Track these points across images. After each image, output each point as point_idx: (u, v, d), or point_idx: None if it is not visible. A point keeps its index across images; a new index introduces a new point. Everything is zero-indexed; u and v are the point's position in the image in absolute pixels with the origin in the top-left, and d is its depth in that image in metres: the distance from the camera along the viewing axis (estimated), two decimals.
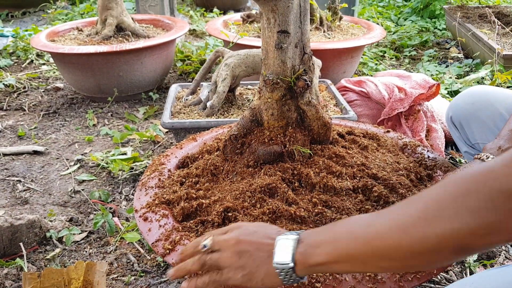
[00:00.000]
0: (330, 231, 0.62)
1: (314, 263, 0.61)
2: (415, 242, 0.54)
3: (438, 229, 0.52)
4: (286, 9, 0.94)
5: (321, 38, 2.51)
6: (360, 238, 0.58)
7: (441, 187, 0.56)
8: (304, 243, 0.62)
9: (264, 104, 1.03)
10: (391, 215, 0.58)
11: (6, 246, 1.38)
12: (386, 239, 0.56)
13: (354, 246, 0.58)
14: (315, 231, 0.64)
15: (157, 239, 0.89)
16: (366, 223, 0.60)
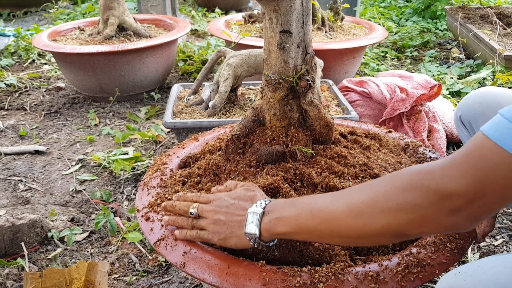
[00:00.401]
0: (293, 207, 0.74)
1: (277, 233, 0.74)
2: (363, 226, 0.65)
3: (381, 218, 0.63)
4: (288, 9, 0.94)
5: (323, 38, 2.51)
6: (318, 217, 0.70)
7: (390, 179, 0.66)
8: (269, 215, 0.75)
9: (266, 104, 1.03)
10: (347, 199, 0.68)
11: (8, 246, 1.38)
12: (339, 221, 0.68)
13: (313, 223, 0.70)
14: (280, 204, 0.76)
15: (159, 238, 0.89)
16: (325, 203, 0.70)
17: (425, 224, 0.61)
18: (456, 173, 0.59)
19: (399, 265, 0.79)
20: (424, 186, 0.60)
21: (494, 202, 0.59)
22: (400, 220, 0.62)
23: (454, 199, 0.58)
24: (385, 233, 0.65)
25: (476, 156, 0.58)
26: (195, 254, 0.83)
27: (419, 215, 0.61)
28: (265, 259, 0.83)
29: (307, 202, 0.73)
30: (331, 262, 0.81)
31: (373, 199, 0.65)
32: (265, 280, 0.76)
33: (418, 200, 0.60)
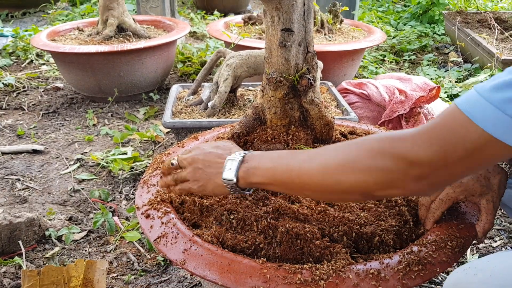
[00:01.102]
0: (270, 160, 0.77)
1: (253, 182, 0.78)
2: (333, 184, 0.70)
3: (351, 178, 0.67)
4: (290, 7, 0.94)
5: (322, 40, 2.52)
6: (294, 172, 0.74)
7: (363, 142, 0.70)
8: (247, 164, 0.78)
9: (267, 103, 1.03)
10: (321, 158, 0.73)
11: (5, 244, 1.37)
12: (312, 176, 0.72)
13: (287, 176, 0.74)
14: (258, 155, 0.80)
15: (159, 236, 0.88)
16: (302, 161, 0.74)
17: (392, 187, 0.66)
18: (424, 142, 0.62)
19: (400, 263, 0.79)
20: (394, 152, 0.64)
21: (456, 172, 0.63)
22: (368, 181, 0.66)
23: (420, 166, 0.62)
24: (353, 192, 0.69)
25: (445, 127, 0.61)
26: (196, 251, 0.83)
27: (387, 178, 0.65)
28: (266, 256, 0.83)
29: (284, 157, 0.77)
30: (332, 260, 0.81)
31: (345, 159, 0.69)
32: (266, 277, 0.76)
33: (387, 165, 0.64)
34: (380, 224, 0.88)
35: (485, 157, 0.61)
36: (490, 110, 0.57)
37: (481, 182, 0.85)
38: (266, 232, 0.86)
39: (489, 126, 0.57)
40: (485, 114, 0.58)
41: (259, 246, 0.84)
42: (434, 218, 0.89)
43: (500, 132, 0.57)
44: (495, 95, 0.58)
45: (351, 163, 0.68)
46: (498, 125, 0.57)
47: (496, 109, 0.57)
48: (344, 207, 0.90)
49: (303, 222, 0.88)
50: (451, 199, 0.87)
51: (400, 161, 0.63)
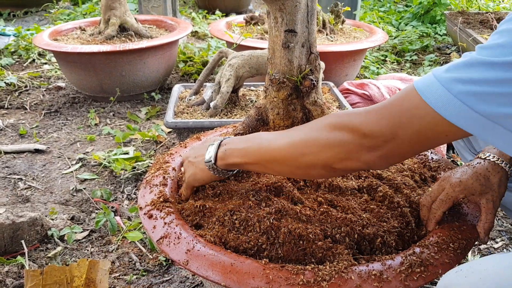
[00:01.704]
0: (245, 141, 0.86)
1: (230, 162, 0.86)
2: (298, 158, 0.76)
3: (313, 152, 0.74)
4: (293, 8, 0.94)
5: (324, 41, 2.52)
6: (263, 149, 0.82)
7: (324, 120, 0.76)
8: (224, 147, 0.87)
9: (270, 103, 1.03)
10: (288, 136, 0.80)
11: (7, 244, 1.38)
12: (280, 152, 0.79)
13: (259, 154, 0.82)
14: (235, 139, 0.89)
15: (162, 236, 0.88)
16: (271, 139, 0.82)
17: (348, 158, 0.71)
18: (377, 117, 0.68)
19: (402, 264, 0.79)
20: (349, 125, 0.70)
21: (405, 147, 0.68)
22: (327, 154, 0.73)
23: (371, 138, 0.68)
24: (315, 165, 0.75)
25: (399, 104, 0.67)
26: (198, 251, 0.83)
27: (343, 150, 0.71)
28: (269, 257, 0.83)
29: (256, 137, 0.86)
30: (334, 261, 0.81)
31: (308, 135, 0.76)
32: (268, 278, 0.76)
33: (343, 137, 0.71)
34: (382, 225, 0.88)
35: (434, 136, 0.65)
36: (440, 90, 0.61)
37: (480, 181, 0.85)
38: (269, 232, 0.86)
39: (437, 105, 0.61)
40: (435, 94, 0.62)
41: (262, 246, 0.84)
42: (436, 218, 0.89)
43: (444, 110, 0.61)
44: (444, 75, 0.62)
45: (313, 138, 0.75)
46: (444, 103, 0.61)
47: (444, 88, 0.61)
48: (347, 208, 0.91)
49: (305, 223, 0.88)
50: (451, 199, 0.87)
51: (354, 133, 0.69)
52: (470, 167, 0.88)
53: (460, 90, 0.59)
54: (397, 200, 0.94)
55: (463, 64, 0.60)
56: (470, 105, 0.59)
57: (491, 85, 0.57)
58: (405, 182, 1.00)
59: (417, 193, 0.99)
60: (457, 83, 0.60)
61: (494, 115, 0.58)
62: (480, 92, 0.58)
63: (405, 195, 0.96)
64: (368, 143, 0.69)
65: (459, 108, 0.59)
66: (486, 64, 0.58)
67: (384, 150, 0.68)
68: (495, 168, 0.86)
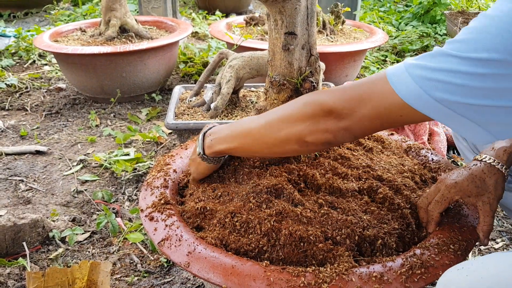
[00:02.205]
0: (228, 129, 0.92)
1: (216, 150, 0.93)
2: (274, 135, 0.83)
3: (288, 127, 0.81)
4: (293, 11, 0.94)
5: (324, 41, 2.52)
6: (244, 131, 0.89)
7: (295, 100, 0.85)
8: (210, 137, 0.94)
9: (270, 105, 1.03)
10: (265, 116, 0.86)
11: (9, 246, 1.38)
12: (259, 131, 0.86)
13: (241, 137, 0.89)
14: (218, 128, 0.95)
15: (163, 238, 0.89)
16: (251, 121, 0.89)
17: (317, 130, 0.78)
18: (341, 92, 0.77)
19: (403, 266, 0.80)
20: (319, 100, 0.78)
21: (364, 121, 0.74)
22: (300, 127, 0.79)
23: (336, 111, 0.76)
24: (289, 140, 0.81)
25: (364, 85, 0.75)
26: (200, 254, 0.83)
27: (312, 123, 0.78)
28: (270, 259, 0.84)
29: (240, 123, 0.91)
30: (335, 263, 0.81)
31: (282, 113, 0.83)
32: (269, 280, 0.77)
33: (311, 111, 0.78)
34: (383, 227, 0.89)
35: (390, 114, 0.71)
36: (402, 73, 0.68)
37: (476, 183, 0.85)
38: (270, 234, 0.86)
39: (396, 85, 0.68)
40: (398, 76, 0.69)
41: (263, 248, 0.85)
42: (434, 220, 0.89)
43: (401, 90, 0.68)
44: (410, 62, 0.69)
45: (287, 115, 0.82)
46: (402, 84, 0.68)
47: (406, 72, 0.67)
48: (347, 210, 0.91)
49: (306, 224, 0.88)
50: (446, 200, 0.88)
51: (322, 106, 0.77)
52: (466, 169, 0.88)
53: (418, 74, 0.66)
54: (398, 201, 0.94)
55: (429, 54, 0.67)
56: (425, 89, 0.65)
57: (444, 74, 0.63)
58: (405, 183, 1.00)
59: (418, 194, 0.99)
60: (417, 68, 0.66)
61: (446, 101, 0.64)
62: (435, 79, 0.64)
63: (406, 197, 0.97)
64: (333, 116, 0.76)
65: (415, 90, 0.66)
66: (446, 56, 0.64)
67: (347, 122, 0.75)
68: (491, 170, 0.86)
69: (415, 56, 0.71)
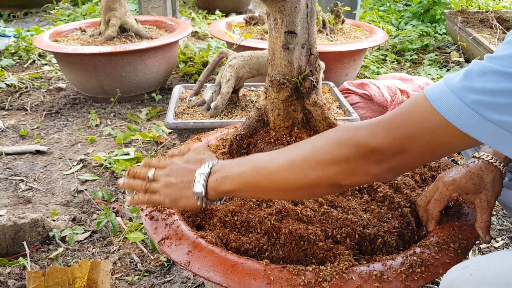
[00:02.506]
0: (238, 166, 0.78)
1: (223, 191, 0.77)
2: (300, 179, 0.71)
3: (318, 170, 0.70)
4: (293, 10, 0.94)
5: (324, 40, 2.52)
6: (261, 172, 0.75)
7: (324, 136, 0.72)
8: (216, 174, 0.78)
9: (270, 104, 1.03)
10: (287, 155, 0.74)
11: (9, 245, 1.38)
12: (280, 174, 0.73)
13: (256, 178, 0.75)
14: (227, 164, 0.80)
15: (163, 237, 0.89)
16: (268, 160, 0.75)
17: (356, 174, 0.68)
18: (383, 130, 0.66)
19: (403, 264, 0.80)
20: (354, 140, 0.67)
21: (414, 158, 0.66)
22: (333, 171, 0.69)
23: (380, 153, 0.66)
24: (320, 184, 0.71)
25: (406, 114, 0.64)
26: (200, 252, 0.83)
27: (349, 166, 0.68)
28: (270, 258, 0.84)
29: (251, 160, 0.79)
30: (335, 262, 0.81)
31: (310, 153, 0.71)
32: (270, 279, 0.77)
33: (350, 153, 0.67)
34: (383, 226, 0.89)
35: (445, 146, 0.64)
36: (452, 99, 0.60)
37: (473, 181, 0.86)
38: (270, 233, 0.86)
39: (450, 114, 0.60)
40: (448, 103, 0.60)
41: (263, 247, 0.85)
42: (434, 218, 0.89)
43: (457, 120, 0.59)
44: (456, 84, 0.60)
45: (316, 155, 0.70)
46: (456, 113, 0.59)
47: (456, 97, 0.59)
48: (347, 208, 0.91)
49: (306, 223, 0.88)
50: (445, 198, 0.88)
51: (361, 148, 0.67)
52: (464, 166, 0.88)
53: (473, 99, 0.58)
54: (398, 200, 0.94)
55: (476, 73, 0.59)
56: (484, 115, 0.57)
57: (505, 96, 0.56)
58: (405, 182, 1.00)
59: (417, 193, 0.99)
60: (470, 93, 0.58)
61: (508, 124, 0.57)
62: (494, 102, 0.57)
63: (406, 195, 0.97)
64: (376, 157, 0.66)
65: (472, 118, 0.58)
66: (499, 74, 0.57)
67: (393, 163, 0.66)
68: (488, 167, 0.86)
69: (455, 75, 0.62)
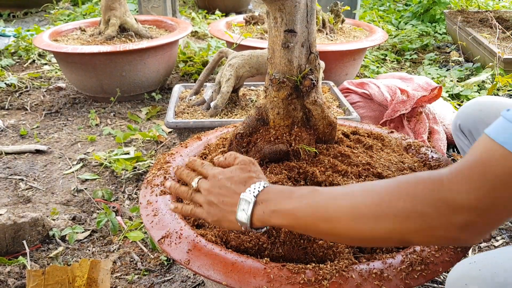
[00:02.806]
0: (290, 199, 0.70)
1: (271, 224, 0.72)
2: (366, 230, 0.63)
3: (388, 224, 0.60)
4: (293, 9, 0.94)
5: (323, 40, 2.52)
6: (319, 214, 0.66)
7: (395, 184, 0.62)
8: (263, 205, 0.71)
9: (270, 103, 1.03)
10: (350, 200, 0.65)
11: (9, 244, 1.38)
12: (342, 222, 0.64)
13: (312, 220, 0.67)
14: (276, 193, 0.72)
15: (163, 236, 0.89)
16: (327, 200, 0.67)
17: (432, 234, 0.59)
18: (466, 184, 0.56)
19: (403, 263, 0.80)
20: (433, 196, 0.58)
21: (503, 213, 0.56)
22: (406, 227, 0.60)
23: (464, 213, 0.56)
24: (389, 239, 0.63)
25: (484, 164, 0.56)
26: (200, 251, 0.83)
27: (426, 225, 0.58)
28: (270, 256, 0.84)
29: (306, 195, 0.69)
30: (335, 260, 0.81)
31: (378, 203, 0.62)
32: (269, 277, 0.77)
33: (426, 210, 0.57)
34: None
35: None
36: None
37: None
38: (270, 232, 0.86)
39: None
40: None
41: (263, 246, 0.85)
42: None
43: None
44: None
45: (385, 206, 0.61)
46: None
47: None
48: None
49: None
50: None
51: (441, 206, 0.57)
52: None
53: None
54: None
55: None
56: None
57: None
58: None
59: None
60: None
61: None
62: None
63: None
64: (459, 219, 0.56)
65: None
66: None
67: (480, 223, 0.56)
68: None
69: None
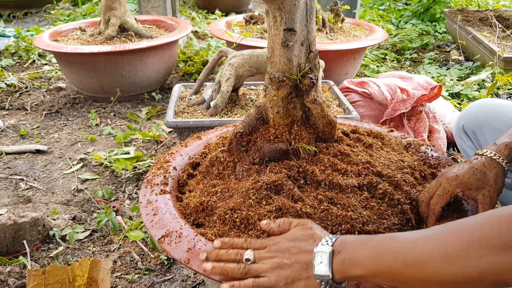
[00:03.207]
0: (367, 247, 0.66)
1: (351, 275, 0.66)
2: (456, 272, 0.57)
3: (481, 263, 0.55)
4: (292, 7, 0.94)
5: (323, 39, 2.52)
6: (402, 259, 0.61)
7: (485, 220, 0.58)
8: (341, 255, 0.67)
9: (270, 102, 1.03)
10: (436, 241, 0.60)
11: (9, 244, 1.38)
12: (428, 265, 0.59)
13: (396, 266, 0.62)
14: (351, 242, 0.68)
15: (163, 235, 0.89)
16: (409, 245, 0.62)
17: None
18: None
19: None
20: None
21: None
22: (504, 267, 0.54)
23: None
24: (483, 280, 0.56)
25: None
26: (200, 250, 0.83)
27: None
28: None
29: (385, 241, 0.65)
30: None
31: (469, 241, 0.57)
32: None
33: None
34: (382, 223, 0.89)
35: None
36: None
37: (476, 176, 0.86)
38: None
39: None
40: None
41: None
42: (435, 214, 0.90)
43: None
44: None
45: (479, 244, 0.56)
46: None
47: None
48: (347, 206, 0.91)
49: None
50: (448, 193, 0.88)
51: None
52: (467, 162, 0.89)
53: None
54: (397, 197, 0.94)
55: None
56: None
57: None
58: (405, 179, 1.00)
59: (417, 190, 0.99)
60: None
61: None
62: None
63: (405, 192, 0.97)
64: None
65: None
66: None
67: None
68: (491, 163, 0.86)
69: None
